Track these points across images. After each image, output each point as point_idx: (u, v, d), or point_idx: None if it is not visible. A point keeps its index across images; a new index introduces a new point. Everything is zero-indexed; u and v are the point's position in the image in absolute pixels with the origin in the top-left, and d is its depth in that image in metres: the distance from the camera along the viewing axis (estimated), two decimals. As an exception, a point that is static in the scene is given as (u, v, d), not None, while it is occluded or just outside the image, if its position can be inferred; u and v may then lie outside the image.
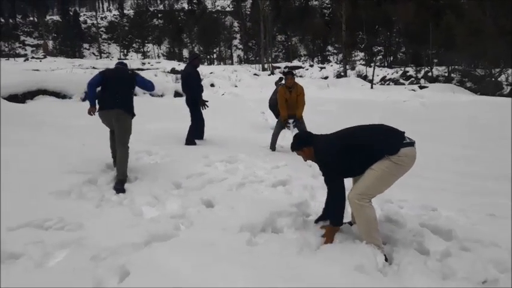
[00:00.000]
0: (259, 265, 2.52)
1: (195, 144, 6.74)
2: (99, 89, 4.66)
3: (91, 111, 4.58)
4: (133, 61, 40.05)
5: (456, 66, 30.79)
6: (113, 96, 4.50)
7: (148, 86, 5.02)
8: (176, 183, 4.35)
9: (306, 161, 3.36)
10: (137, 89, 5.29)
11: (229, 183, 4.37)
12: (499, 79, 25.33)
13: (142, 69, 30.30)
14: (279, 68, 36.78)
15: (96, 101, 4.58)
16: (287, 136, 7.82)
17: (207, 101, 7.00)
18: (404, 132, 2.98)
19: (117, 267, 2.44)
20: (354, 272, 2.52)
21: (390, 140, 2.92)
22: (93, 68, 30.64)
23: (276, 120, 8.23)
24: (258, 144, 6.84)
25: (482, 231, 3.31)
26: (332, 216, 3.11)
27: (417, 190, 4.44)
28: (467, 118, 11.34)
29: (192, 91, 6.88)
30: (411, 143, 2.90)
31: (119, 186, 4.17)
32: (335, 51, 51.51)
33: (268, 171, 4.97)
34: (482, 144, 7.92)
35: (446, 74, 31.67)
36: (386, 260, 2.81)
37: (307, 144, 3.18)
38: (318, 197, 4.10)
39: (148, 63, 37.11)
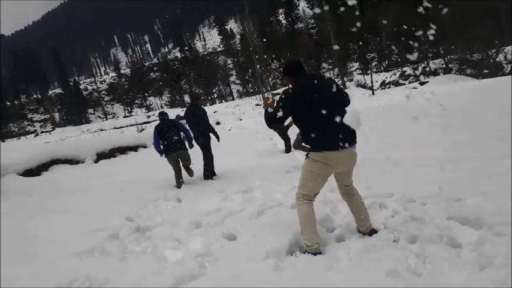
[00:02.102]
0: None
1: (211, 178, 6.85)
2: None
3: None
4: (139, 116, 41.01)
5: (452, 56, 30.69)
6: (171, 143, 6.58)
7: (186, 133, 6.93)
8: (196, 222, 4.35)
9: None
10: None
11: (248, 213, 4.35)
12: (497, 59, 25.08)
13: (148, 122, 30.88)
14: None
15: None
16: (298, 157, 7.80)
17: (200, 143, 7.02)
18: (348, 135, 2.95)
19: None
20: (387, 278, 2.45)
21: (318, 138, 2.95)
22: (101, 130, 31.41)
23: (281, 138, 8.54)
24: (271, 170, 6.83)
25: (511, 212, 3.20)
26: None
27: (437, 184, 4.33)
28: (472, 104, 11.12)
29: (191, 129, 7.00)
30: (336, 148, 2.90)
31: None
32: (330, 66, 51.89)
33: (286, 193, 4.94)
34: (490, 127, 7.59)
35: (444, 66, 31.54)
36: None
37: (290, 73, 3.19)
38: (340, 210, 4.04)
39: (153, 114, 37.81)
